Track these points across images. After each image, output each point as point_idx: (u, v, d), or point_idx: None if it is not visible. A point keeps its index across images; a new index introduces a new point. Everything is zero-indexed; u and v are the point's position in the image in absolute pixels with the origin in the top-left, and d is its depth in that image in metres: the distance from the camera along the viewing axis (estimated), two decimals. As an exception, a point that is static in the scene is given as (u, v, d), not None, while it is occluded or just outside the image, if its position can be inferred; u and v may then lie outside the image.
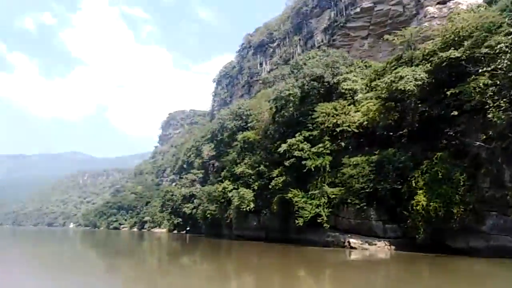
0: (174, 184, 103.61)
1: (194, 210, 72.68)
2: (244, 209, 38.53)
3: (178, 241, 47.52)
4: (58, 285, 13.72)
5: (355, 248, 26.35)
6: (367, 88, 32.48)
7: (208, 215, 50.08)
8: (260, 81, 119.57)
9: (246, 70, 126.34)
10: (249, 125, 47.86)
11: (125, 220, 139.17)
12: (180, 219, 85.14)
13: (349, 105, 31.65)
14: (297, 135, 33.15)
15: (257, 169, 39.28)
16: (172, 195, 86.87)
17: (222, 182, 46.08)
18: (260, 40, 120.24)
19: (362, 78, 34.37)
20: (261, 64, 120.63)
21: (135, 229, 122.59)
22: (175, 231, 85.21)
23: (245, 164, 42.03)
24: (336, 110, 31.01)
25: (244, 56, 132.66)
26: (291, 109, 37.26)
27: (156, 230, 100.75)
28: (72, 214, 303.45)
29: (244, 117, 50.69)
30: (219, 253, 29.03)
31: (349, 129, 29.44)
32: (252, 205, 38.00)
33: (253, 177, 39.69)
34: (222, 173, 48.33)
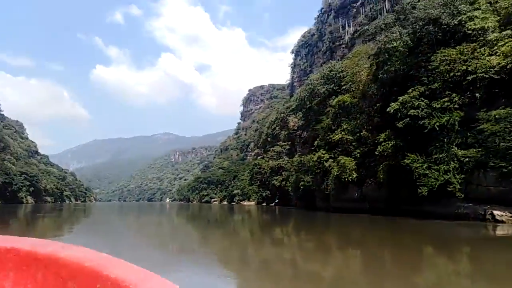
0: (258, 157, 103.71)
1: (283, 182, 71.38)
2: (345, 179, 35.04)
3: (269, 213, 46.04)
4: (160, 249, 13.94)
5: (501, 221, 21.25)
6: (503, 24, 25.75)
7: (302, 187, 47.59)
8: (343, 45, 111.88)
9: (327, 36, 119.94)
10: (343, 88, 43.36)
11: (215, 194, 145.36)
12: (268, 192, 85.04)
13: (480, 47, 25.44)
14: (409, 91, 28.08)
15: (358, 134, 35.18)
16: (259, 168, 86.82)
17: (316, 152, 42.92)
18: (342, 1, 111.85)
19: (494, 14, 27.46)
20: (343, 27, 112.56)
21: (225, 202, 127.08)
22: (264, 204, 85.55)
23: (342, 130, 38.15)
24: (463, 55, 25.18)
25: (324, 22, 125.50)
26: (397, 63, 31.95)
27: (245, 203, 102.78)
28: (168, 189, 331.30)
29: (336, 80, 46.20)
30: (318, 225, 26.15)
31: (486, 76, 23.52)
32: (354, 174, 34.32)
33: (353, 144, 35.76)
34: (315, 142, 45.07)
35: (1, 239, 1.55)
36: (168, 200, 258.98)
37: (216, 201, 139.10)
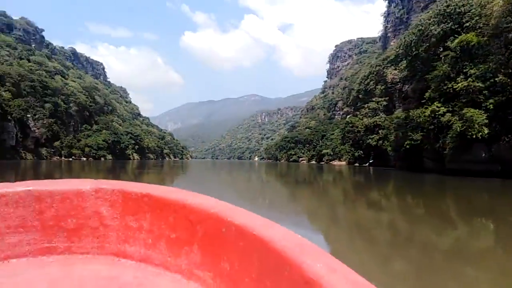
0: (349, 116, 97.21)
1: (380, 141, 65.22)
2: (471, 136, 28.87)
3: (363, 173, 41.65)
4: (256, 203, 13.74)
5: None
6: None
7: (407, 146, 41.75)
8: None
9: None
10: (466, 25, 35.39)
11: (303, 153, 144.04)
12: (361, 152, 79.57)
13: None
14: None
15: (491, 81, 28.22)
16: (352, 126, 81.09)
17: (428, 105, 36.63)
18: None
19: None
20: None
21: (313, 162, 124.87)
22: (356, 164, 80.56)
23: (467, 77, 31.20)
24: None
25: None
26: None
27: (335, 162, 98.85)
28: (256, 148, 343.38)
29: (455, 17, 37.98)
30: (429, 189, 21.54)
31: None
32: (485, 130, 27.97)
33: (484, 93, 28.94)
34: (426, 94, 38.48)
35: (137, 185, 1.69)
36: (256, 159, 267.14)
37: (304, 160, 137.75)
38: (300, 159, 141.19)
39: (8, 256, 1.51)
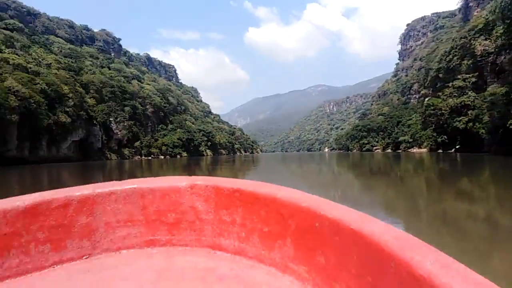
0: (427, 98, 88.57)
1: (470, 124, 57.83)
2: None
3: (449, 161, 35.34)
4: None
5: None
6: None
7: (510, 125, 35.77)
8: None
9: None
10: None
11: (377, 141, 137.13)
12: (445, 137, 71.76)
13: None
14: None
15: None
16: (434, 109, 73.52)
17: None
18: None
19: None
20: None
21: (388, 150, 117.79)
22: (440, 150, 72.92)
23: None
24: None
25: None
26: None
27: (414, 150, 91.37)
28: (325, 139, 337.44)
29: None
30: None
31: None
32: None
33: None
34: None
35: (228, 181, 1.77)
36: (326, 150, 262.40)
37: (378, 149, 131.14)
38: (374, 148, 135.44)
39: (119, 247, 1.69)
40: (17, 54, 66.89)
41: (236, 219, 1.65)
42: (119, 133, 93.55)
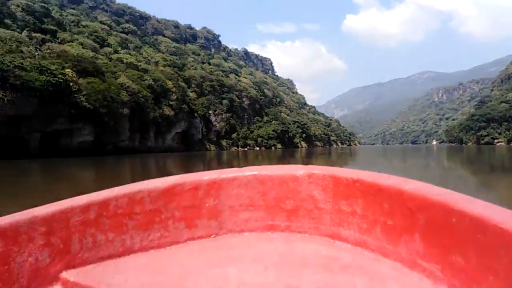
0: None
1: None
2: None
3: None
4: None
5: None
6: None
7: None
8: None
9: None
10: None
11: (499, 133, 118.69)
12: None
13: None
14: None
15: None
16: None
17: None
18: None
19: None
20: None
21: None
22: None
23: None
24: None
25: None
26: None
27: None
28: (433, 131, 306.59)
29: None
30: None
31: None
32: None
33: None
34: None
35: (347, 171, 1.75)
36: (434, 142, 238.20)
37: (502, 142, 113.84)
38: (496, 140, 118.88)
39: (242, 229, 1.80)
40: (130, 54, 74.76)
41: (357, 210, 1.60)
42: (217, 125, 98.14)
